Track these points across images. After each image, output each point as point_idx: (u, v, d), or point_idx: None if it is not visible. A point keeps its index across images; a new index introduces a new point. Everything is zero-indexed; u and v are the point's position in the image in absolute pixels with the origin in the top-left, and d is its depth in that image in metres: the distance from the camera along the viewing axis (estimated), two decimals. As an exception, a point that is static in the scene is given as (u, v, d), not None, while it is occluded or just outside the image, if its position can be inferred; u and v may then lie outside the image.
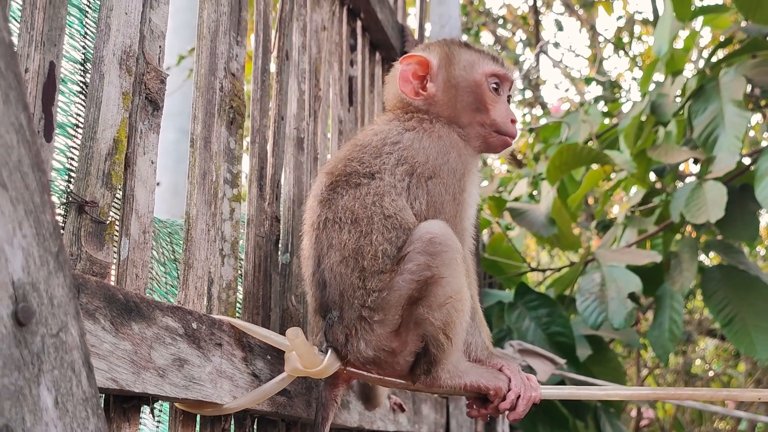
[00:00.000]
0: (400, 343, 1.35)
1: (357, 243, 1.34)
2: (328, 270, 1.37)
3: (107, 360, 0.99)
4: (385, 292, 1.32)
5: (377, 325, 1.33)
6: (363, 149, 1.45)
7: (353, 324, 1.34)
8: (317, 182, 1.49)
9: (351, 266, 1.34)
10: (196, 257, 1.34)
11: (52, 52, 1.06)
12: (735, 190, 3.35)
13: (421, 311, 1.32)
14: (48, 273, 0.79)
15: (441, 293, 1.31)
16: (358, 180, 1.40)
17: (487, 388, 1.39)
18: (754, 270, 3.38)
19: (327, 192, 1.42)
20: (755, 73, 3.43)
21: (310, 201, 1.48)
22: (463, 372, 1.38)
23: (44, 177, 0.80)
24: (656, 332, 3.35)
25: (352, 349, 1.34)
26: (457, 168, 1.43)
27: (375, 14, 2.39)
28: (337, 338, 1.36)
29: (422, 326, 1.33)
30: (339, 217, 1.37)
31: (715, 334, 5.86)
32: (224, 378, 1.26)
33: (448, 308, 1.32)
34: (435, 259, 1.31)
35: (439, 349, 1.34)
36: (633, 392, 1.43)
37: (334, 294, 1.36)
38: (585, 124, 3.95)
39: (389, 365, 1.37)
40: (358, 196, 1.38)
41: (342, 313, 1.35)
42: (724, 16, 4.40)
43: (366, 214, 1.36)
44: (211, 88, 1.45)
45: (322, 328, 1.39)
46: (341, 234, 1.36)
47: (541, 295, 3.21)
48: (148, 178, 1.22)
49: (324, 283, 1.38)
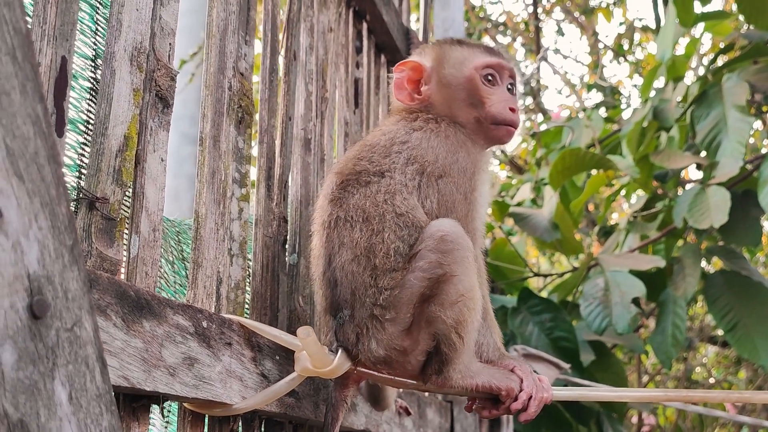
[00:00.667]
0: (411, 342, 1.34)
1: (369, 241, 1.34)
2: (339, 269, 1.36)
3: (119, 357, 0.98)
4: (397, 290, 1.32)
5: (389, 323, 1.32)
6: (372, 149, 1.44)
7: (365, 323, 1.33)
8: (327, 182, 1.48)
9: (363, 264, 1.34)
10: (205, 256, 1.33)
11: (64, 47, 1.05)
12: (737, 196, 3.34)
13: (433, 309, 1.31)
14: (63, 266, 0.78)
15: (453, 291, 1.30)
16: (369, 178, 1.39)
17: (498, 389, 1.38)
18: (756, 276, 3.37)
19: (338, 191, 1.41)
20: (758, 78, 3.44)
21: (321, 200, 1.47)
22: (475, 372, 1.37)
23: (59, 169, 0.79)
24: (659, 337, 3.34)
25: (363, 348, 1.33)
26: (467, 167, 1.43)
27: (380, 16, 2.39)
28: (348, 337, 1.35)
29: (434, 324, 1.32)
30: (350, 216, 1.36)
31: (716, 341, 5.85)
32: (234, 378, 1.25)
33: (460, 306, 1.31)
34: (446, 257, 1.30)
35: (451, 348, 1.33)
36: (644, 394, 1.42)
37: (345, 293, 1.35)
38: (587, 129, 3.95)
39: (400, 365, 1.36)
40: (369, 194, 1.37)
41: (353, 311, 1.34)
42: (725, 23, 4.42)
43: (378, 212, 1.35)
44: (220, 87, 1.44)
45: (332, 328, 1.38)
46: (353, 232, 1.35)
47: (544, 300, 3.20)
48: (158, 176, 1.21)
49: (335, 281, 1.37)
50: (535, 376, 1.40)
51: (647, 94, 4.14)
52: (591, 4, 6.93)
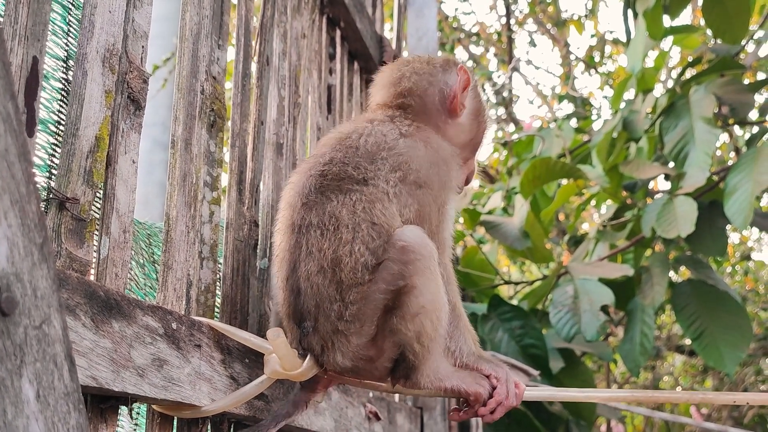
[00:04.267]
0: (377, 351, 1.33)
1: (335, 253, 1.31)
2: (304, 278, 1.33)
3: (87, 357, 0.98)
4: (362, 303, 1.30)
5: (354, 336, 1.31)
6: (356, 152, 1.39)
7: (329, 337, 1.31)
8: (302, 180, 1.41)
9: (328, 278, 1.31)
10: (176, 259, 1.34)
11: (36, 47, 1.05)
12: (704, 206, 3.40)
13: (394, 322, 1.30)
14: (32, 264, 0.78)
15: (413, 303, 1.29)
16: (351, 186, 1.35)
17: (467, 393, 1.38)
18: (722, 285, 3.42)
19: (315, 195, 1.37)
20: (724, 91, 3.50)
21: (293, 198, 1.41)
22: (444, 376, 1.37)
23: (30, 167, 0.79)
24: (627, 346, 3.38)
25: (328, 359, 1.32)
26: (445, 181, 1.42)
27: (354, 24, 2.41)
28: (313, 348, 1.34)
29: (396, 335, 1.31)
30: (323, 223, 1.33)
31: (683, 350, 5.93)
32: (203, 380, 1.25)
33: (421, 318, 1.29)
34: (407, 268, 1.28)
35: (416, 356, 1.32)
36: (611, 395, 1.44)
37: (309, 303, 1.32)
38: (558, 139, 3.99)
39: (368, 372, 1.36)
40: (348, 202, 1.33)
41: (317, 324, 1.32)
42: (693, 36, 4.50)
43: (353, 220, 1.32)
44: (193, 91, 1.45)
45: (296, 336, 1.36)
46: (321, 241, 1.32)
47: (514, 308, 3.23)
48: (129, 178, 1.21)
49: (298, 290, 1.34)
50: (512, 383, 1.40)
51: (617, 105, 4.20)
52: (563, 17, 7.02)
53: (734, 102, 3.49)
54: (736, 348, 3.26)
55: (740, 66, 3.63)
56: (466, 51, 6.89)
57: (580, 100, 5.38)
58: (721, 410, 5.78)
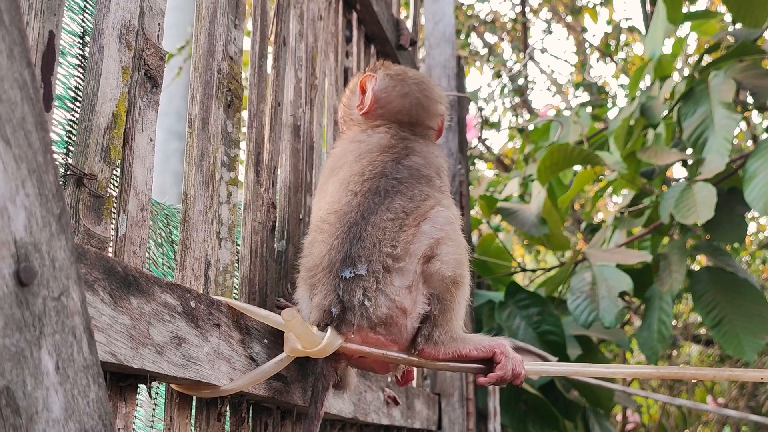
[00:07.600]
0: (411, 302, 1.38)
1: (405, 208, 1.45)
2: (372, 224, 1.41)
3: (106, 333, 0.97)
4: (412, 240, 1.41)
5: (397, 274, 1.37)
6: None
7: (375, 276, 1.37)
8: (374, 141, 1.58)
9: (398, 223, 1.42)
10: (194, 238, 1.32)
11: (52, 21, 1.04)
12: (723, 193, 3.36)
13: (433, 264, 1.40)
14: (50, 235, 0.76)
15: (452, 250, 1.42)
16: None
17: (491, 348, 1.43)
18: (741, 272, 3.39)
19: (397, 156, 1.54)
20: (744, 76, 3.46)
21: (377, 155, 1.54)
22: (462, 339, 1.43)
23: (47, 137, 0.78)
24: (645, 333, 3.35)
25: (366, 306, 1.36)
26: None
27: (371, 6, 2.38)
28: (353, 295, 1.36)
29: (431, 283, 1.40)
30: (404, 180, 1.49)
31: (699, 340, 5.89)
32: (222, 359, 1.24)
33: (454, 266, 1.41)
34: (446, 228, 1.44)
35: (441, 311, 1.40)
36: (636, 370, 1.42)
37: (367, 246, 1.39)
38: (575, 126, 3.96)
39: (397, 329, 1.38)
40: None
41: (369, 265, 1.37)
42: (711, 23, 4.45)
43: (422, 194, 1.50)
44: (209, 70, 1.43)
45: (333, 288, 1.38)
46: (401, 200, 1.45)
47: (531, 294, 3.20)
48: (146, 156, 1.20)
49: (359, 236, 1.40)
50: (517, 360, 1.44)
51: (634, 92, 4.16)
52: (578, 5, 6.95)
53: (754, 87, 3.44)
54: (755, 336, 3.23)
55: (761, 51, 3.58)
56: (481, 39, 6.84)
57: (596, 87, 5.33)
58: (738, 400, 5.74)
